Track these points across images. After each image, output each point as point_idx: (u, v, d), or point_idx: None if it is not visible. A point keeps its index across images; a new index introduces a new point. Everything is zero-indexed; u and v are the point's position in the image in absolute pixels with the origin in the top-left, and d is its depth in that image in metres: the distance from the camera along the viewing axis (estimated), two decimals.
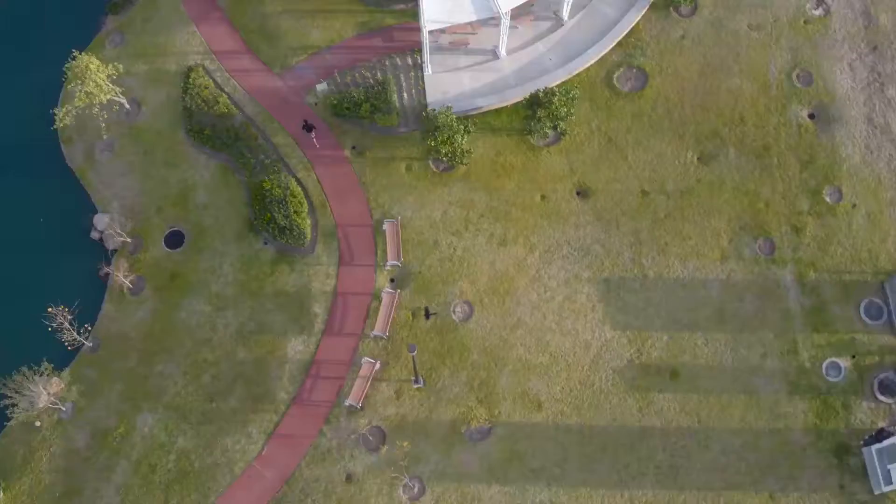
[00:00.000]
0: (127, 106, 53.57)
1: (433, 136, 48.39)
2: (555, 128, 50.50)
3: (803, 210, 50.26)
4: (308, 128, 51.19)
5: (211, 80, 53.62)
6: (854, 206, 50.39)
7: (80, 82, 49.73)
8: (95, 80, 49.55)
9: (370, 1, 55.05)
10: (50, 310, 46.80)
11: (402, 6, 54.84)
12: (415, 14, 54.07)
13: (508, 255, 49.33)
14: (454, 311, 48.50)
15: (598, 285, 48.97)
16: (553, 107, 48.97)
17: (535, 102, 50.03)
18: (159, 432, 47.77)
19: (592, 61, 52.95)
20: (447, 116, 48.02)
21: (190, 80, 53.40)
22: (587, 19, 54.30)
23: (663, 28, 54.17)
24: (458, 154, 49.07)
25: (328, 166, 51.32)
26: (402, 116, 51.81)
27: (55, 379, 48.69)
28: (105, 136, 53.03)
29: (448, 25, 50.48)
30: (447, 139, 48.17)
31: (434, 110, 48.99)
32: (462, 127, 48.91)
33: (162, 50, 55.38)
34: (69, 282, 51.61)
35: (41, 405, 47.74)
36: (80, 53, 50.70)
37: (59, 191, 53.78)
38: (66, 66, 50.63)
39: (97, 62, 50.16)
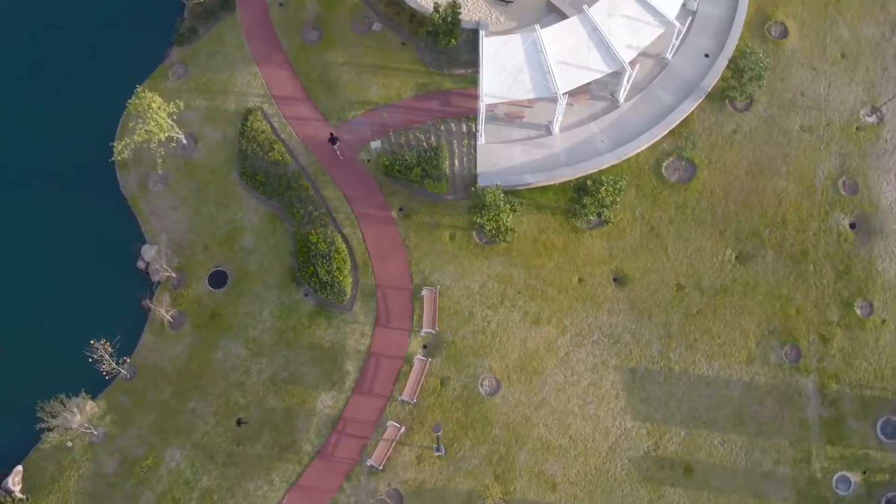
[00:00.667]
0: (184, 141, 55.18)
1: (479, 213, 49.78)
2: (599, 215, 51.78)
3: (833, 321, 51.47)
4: (333, 140, 52.94)
5: (268, 125, 55.12)
6: (884, 321, 51.58)
7: (141, 119, 51.18)
8: (156, 118, 51.10)
9: (431, 63, 56.23)
10: (92, 343, 48.63)
11: (461, 71, 56.09)
12: (474, 80, 55.40)
13: (540, 334, 50.88)
14: (482, 384, 50.20)
15: (624, 374, 50.50)
16: (599, 196, 50.22)
17: (582, 189, 51.32)
18: (185, 468, 49.83)
19: (643, 147, 54.08)
20: (495, 196, 49.39)
21: (248, 122, 54.94)
22: (643, 103, 55.37)
23: (717, 120, 55.22)
24: (502, 231, 50.51)
25: (374, 225, 52.86)
26: (451, 184, 53.24)
27: (90, 402, 50.74)
28: (160, 169, 54.60)
29: (505, 101, 51.69)
30: (493, 217, 49.56)
31: (483, 188, 50.33)
32: (509, 206, 50.27)
33: (223, 87, 56.88)
34: (112, 307, 53.72)
35: (74, 427, 49.79)
36: (144, 90, 52.07)
37: (110, 216, 55.57)
38: (130, 101, 52.05)
39: (159, 100, 51.62)
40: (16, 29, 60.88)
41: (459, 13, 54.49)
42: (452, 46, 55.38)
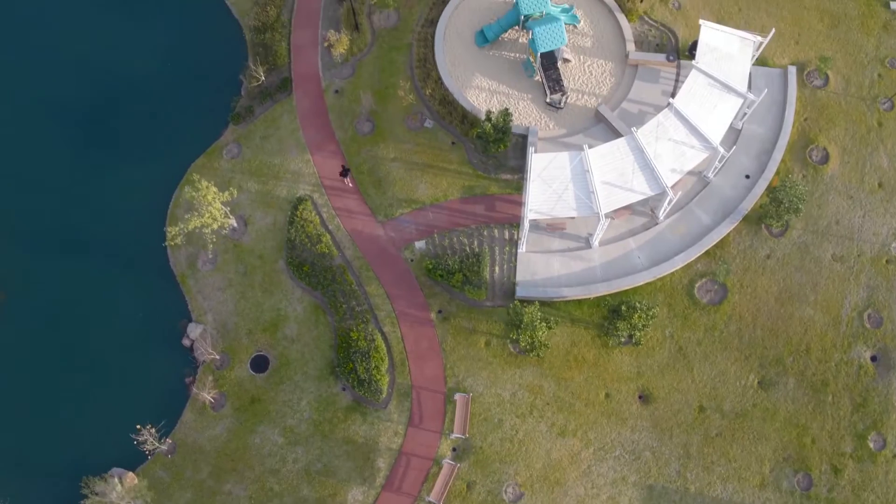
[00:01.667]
0: (234, 224, 57.71)
1: (516, 330, 52.39)
2: (630, 336, 54.37)
3: (846, 452, 54.17)
4: (344, 172, 56.02)
5: (317, 216, 57.65)
6: (895, 456, 54.20)
7: (196, 210, 53.65)
8: (211, 210, 53.59)
9: (479, 165, 58.51)
10: (139, 427, 51.70)
11: (508, 176, 58.39)
12: (519, 186, 57.80)
13: (565, 446, 53.76)
14: (506, 491, 53.18)
15: (641, 490, 53.40)
16: (633, 321, 52.77)
17: (616, 312, 53.85)
18: None
19: (678, 267, 56.43)
20: (532, 315, 51.93)
21: (298, 211, 57.46)
22: (681, 222, 57.68)
23: (751, 244, 57.53)
24: (536, 347, 53.16)
25: (413, 325, 55.56)
26: (490, 291, 55.82)
27: (130, 474, 53.93)
28: (210, 251, 57.25)
29: (549, 217, 54.08)
30: (529, 335, 52.19)
31: (521, 307, 52.81)
32: (545, 324, 52.86)
33: (275, 172, 59.35)
34: (156, 380, 56.80)
35: (114, 500, 52.97)
36: (201, 179, 54.35)
37: (159, 290, 58.34)
38: (187, 190, 54.53)
39: (214, 190, 54.00)
40: (76, 101, 63.30)
41: (511, 121, 56.60)
42: (501, 152, 57.61)
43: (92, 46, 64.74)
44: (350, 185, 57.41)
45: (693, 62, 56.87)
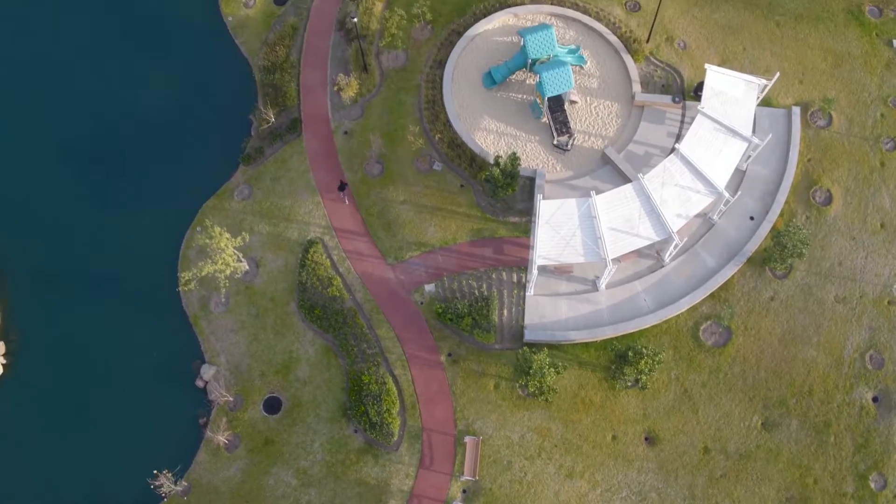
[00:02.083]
0: (246, 266, 58.84)
1: (525, 376, 53.69)
2: (637, 380, 55.72)
3: (847, 492, 55.65)
4: (341, 187, 57.83)
5: (328, 259, 58.81)
6: (895, 496, 55.69)
7: (210, 257, 54.82)
8: (225, 258, 54.77)
9: (487, 208, 59.68)
10: (155, 473, 53.09)
11: (516, 219, 59.57)
12: (527, 229, 59.03)
13: (573, 488, 55.19)
14: None
15: None
16: (639, 366, 54.09)
17: (623, 358, 55.16)
18: None
19: (684, 309, 57.70)
20: (541, 362, 53.21)
21: (309, 254, 58.66)
22: (687, 264, 58.91)
23: (755, 286, 58.81)
24: (545, 391, 54.48)
25: (423, 368, 56.88)
26: (499, 334, 57.10)
27: None
28: (223, 294, 58.47)
29: (557, 263, 55.30)
30: (537, 380, 53.49)
31: (530, 354, 54.01)
32: (553, 369, 54.15)
33: (286, 214, 60.51)
34: (170, 421, 58.03)
35: None
36: (214, 225, 55.54)
37: (171, 331, 59.59)
38: (199, 236, 55.65)
39: (227, 236, 55.14)
40: (87, 141, 64.46)
41: (519, 166, 57.72)
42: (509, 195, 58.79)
43: (103, 87, 65.80)
44: (346, 201, 58.64)
45: (699, 107, 58.01)
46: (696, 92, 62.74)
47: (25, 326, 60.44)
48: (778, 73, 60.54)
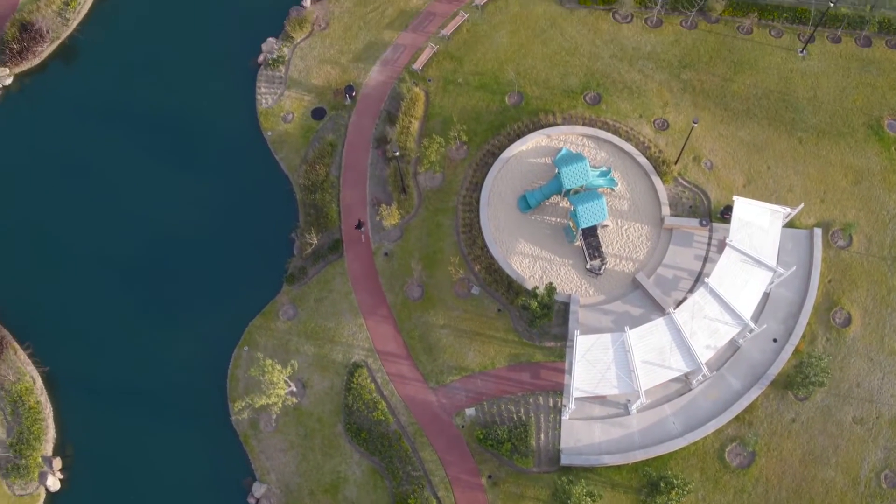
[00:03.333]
0: (293, 388, 62.73)
1: None
2: None
3: None
4: (359, 226, 62.12)
5: (373, 383, 62.74)
6: None
7: (265, 392, 58.63)
8: (277, 391, 58.63)
9: (524, 333, 63.62)
10: None
11: (551, 343, 63.55)
12: (561, 353, 63.13)
13: None
14: None
15: None
16: (671, 497, 58.45)
17: (654, 486, 59.50)
18: None
19: (710, 432, 61.99)
20: (579, 494, 57.50)
21: (354, 378, 62.62)
22: (713, 387, 63.12)
23: (778, 408, 63.11)
24: None
25: (465, 490, 61.16)
26: (536, 457, 61.37)
27: None
28: (273, 419, 62.43)
29: (592, 395, 59.43)
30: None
31: (568, 482, 58.29)
32: (590, 498, 58.45)
33: (331, 336, 64.34)
34: None
35: None
36: (269, 361, 59.19)
37: (222, 447, 63.58)
38: (253, 369, 59.47)
39: (279, 369, 58.90)
40: (134, 259, 68.22)
41: (555, 296, 61.56)
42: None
43: (150, 205, 69.10)
44: (363, 239, 62.49)
45: (727, 239, 61.86)
46: (723, 214, 66.48)
47: (80, 441, 64.39)
48: (802, 204, 64.47)
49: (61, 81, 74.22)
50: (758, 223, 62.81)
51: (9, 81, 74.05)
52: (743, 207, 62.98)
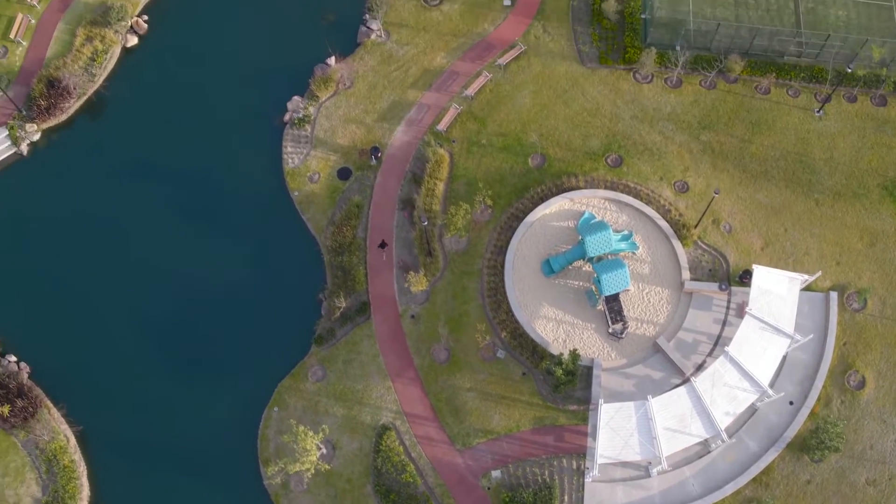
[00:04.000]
0: (323, 449, 65.04)
1: None
2: None
3: None
4: (382, 245, 65.06)
5: (401, 446, 65.07)
6: None
7: (300, 460, 60.92)
8: (310, 458, 60.94)
9: (548, 397, 66.00)
10: None
11: (574, 407, 65.96)
12: (584, 417, 65.55)
13: None
14: None
15: None
16: None
17: None
18: None
19: (728, 494, 64.58)
20: None
21: (383, 441, 64.93)
22: (731, 450, 65.67)
23: (793, 470, 65.69)
24: None
25: None
26: None
27: None
28: (305, 482, 64.78)
29: (615, 461, 61.90)
30: None
31: None
32: None
33: (359, 397, 66.62)
34: None
35: None
36: (304, 429, 61.40)
37: None
38: (286, 436, 61.70)
39: (311, 434, 61.16)
40: (163, 320, 70.36)
41: (580, 362, 63.90)
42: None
43: (180, 266, 71.17)
44: (384, 258, 64.87)
45: (746, 308, 64.18)
46: (742, 278, 68.75)
47: (114, 500, 66.68)
48: (819, 272, 66.76)
49: (88, 138, 75.98)
50: (776, 291, 65.11)
51: (36, 137, 75.75)
52: (762, 276, 65.24)
